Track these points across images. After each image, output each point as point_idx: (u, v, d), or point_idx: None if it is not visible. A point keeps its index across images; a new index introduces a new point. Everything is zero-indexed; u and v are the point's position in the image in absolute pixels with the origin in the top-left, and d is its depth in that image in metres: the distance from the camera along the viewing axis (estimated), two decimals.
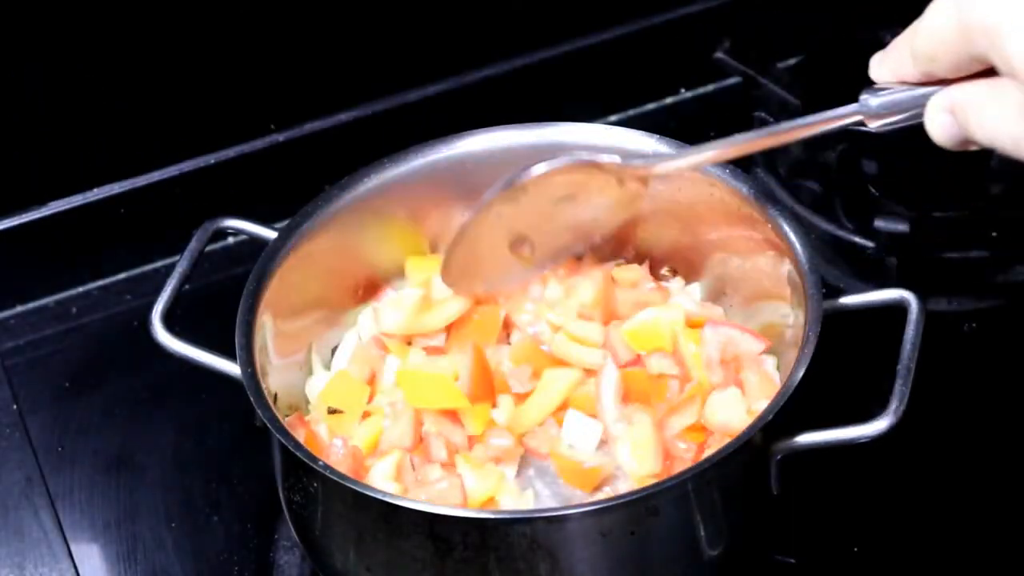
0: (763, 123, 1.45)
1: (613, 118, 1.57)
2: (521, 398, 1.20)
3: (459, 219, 1.27)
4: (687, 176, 1.22)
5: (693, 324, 1.23)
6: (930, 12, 0.97)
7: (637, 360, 1.21)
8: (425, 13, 1.47)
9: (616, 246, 1.29)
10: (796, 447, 1.06)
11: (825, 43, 1.51)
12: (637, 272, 1.26)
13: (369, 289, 1.29)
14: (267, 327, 1.17)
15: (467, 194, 1.27)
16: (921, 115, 1.01)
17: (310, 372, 1.25)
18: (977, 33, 0.93)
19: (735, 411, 1.16)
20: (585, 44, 1.53)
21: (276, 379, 1.19)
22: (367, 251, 1.27)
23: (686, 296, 1.26)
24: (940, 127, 0.99)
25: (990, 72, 0.95)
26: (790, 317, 1.17)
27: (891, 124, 1.04)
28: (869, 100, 1.05)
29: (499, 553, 1.03)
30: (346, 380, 1.23)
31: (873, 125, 1.05)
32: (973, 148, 0.98)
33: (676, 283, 1.28)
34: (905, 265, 1.33)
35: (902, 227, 1.31)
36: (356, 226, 1.25)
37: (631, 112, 1.58)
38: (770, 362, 1.21)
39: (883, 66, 1.04)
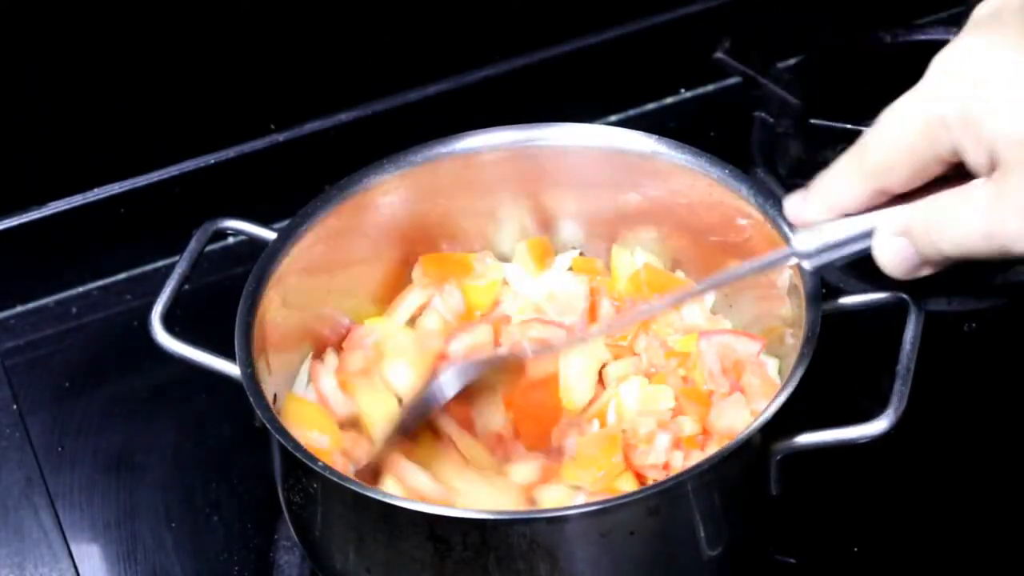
0: (763, 123, 1.45)
1: (613, 118, 1.57)
2: None
3: (457, 223, 1.29)
4: (686, 177, 1.22)
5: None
6: (885, 119, 0.97)
7: None
8: (425, 13, 1.47)
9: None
10: (796, 447, 1.06)
11: (825, 43, 1.51)
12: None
13: (369, 289, 1.29)
14: (267, 328, 1.17)
15: (466, 195, 1.27)
16: (861, 248, 1.00)
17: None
18: (952, 122, 0.93)
19: (739, 415, 1.16)
20: (585, 44, 1.53)
21: (275, 380, 1.19)
22: (367, 252, 1.28)
23: (694, 305, 1.26)
24: (894, 253, 0.98)
25: (936, 186, 0.96)
26: (790, 318, 1.17)
27: (829, 263, 1.04)
28: (804, 242, 1.03)
29: (499, 553, 1.03)
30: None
31: (808, 265, 1.05)
32: (923, 273, 0.98)
33: None
34: None
35: None
36: (356, 227, 1.25)
37: (631, 112, 1.58)
38: (772, 364, 1.21)
39: (811, 203, 1.02)
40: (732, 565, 1.10)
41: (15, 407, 1.35)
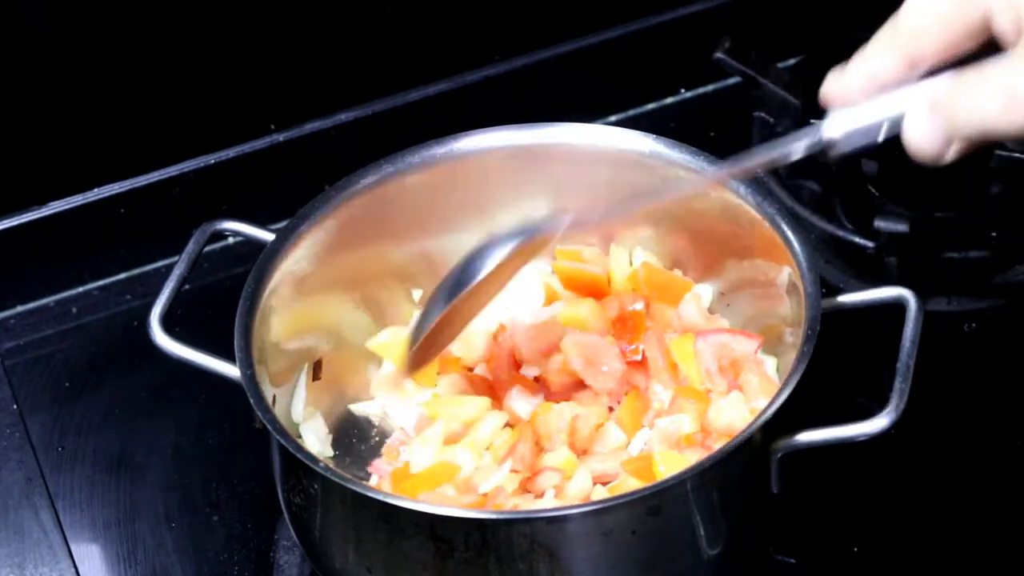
0: (763, 123, 1.45)
1: (613, 118, 1.57)
2: None
3: (456, 222, 1.29)
4: (685, 177, 1.22)
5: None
6: None
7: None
8: (425, 13, 1.47)
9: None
10: (796, 445, 1.06)
11: (825, 43, 1.51)
12: None
13: (369, 289, 1.29)
14: (266, 329, 1.17)
15: (466, 195, 1.27)
16: (890, 132, 0.98)
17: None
18: None
19: (738, 414, 1.16)
20: (585, 44, 1.52)
21: (275, 381, 1.19)
22: (367, 252, 1.27)
23: (692, 303, 1.26)
24: (922, 130, 0.95)
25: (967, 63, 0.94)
26: (790, 317, 1.18)
27: (858, 147, 1.00)
28: (833, 125, 0.99)
29: (500, 553, 1.03)
30: None
31: (836, 150, 1.00)
32: (951, 156, 0.96)
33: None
34: (905, 265, 1.33)
35: (902, 227, 1.31)
36: (356, 227, 1.25)
37: (631, 112, 1.58)
38: (770, 364, 1.21)
39: (848, 75, 0.99)
40: (733, 564, 1.10)
41: (15, 407, 1.35)
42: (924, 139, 0.95)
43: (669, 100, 1.59)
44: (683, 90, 1.60)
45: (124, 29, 1.38)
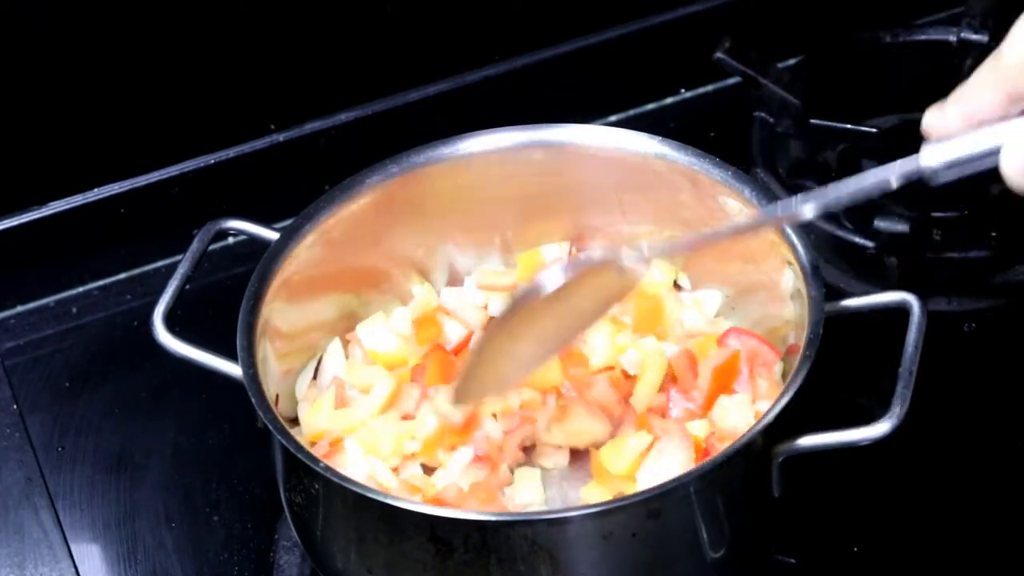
0: (763, 123, 1.45)
1: (613, 118, 1.57)
2: None
3: (460, 223, 1.28)
4: (688, 179, 1.22)
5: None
6: (1020, 21, 0.96)
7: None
8: (425, 13, 1.47)
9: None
10: (798, 449, 1.06)
11: (825, 43, 1.51)
12: None
13: (371, 290, 1.29)
14: (269, 328, 1.17)
15: (471, 195, 1.27)
16: (987, 164, 0.97)
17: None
18: None
19: (743, 415, 1.16)
20: (585, 44, 1.52)
21: (277, 380, 1.19)
22: (370, 252, 1.28)
23: (696, 309, 1.26)
24: (1018, 161, 0.95)
25: None
26: (793, 320, 1.17)
27: (952, 179, 0.99)
28: (931, 156, 0.98)
29: (500, 555, 1.03)
30: None
31: (933, 181, 0.99)
32: None
33: (685, 293, 1.29)
34: (905, 265, 1.33)
35: (902, 227, 1.31)
36: (359, 227, 1.25)
37: (631, 112, 1.58)
38: (777, 367, 1.21)
39: (948, 111, 0.99)
40: (734, 567, 1.10)
41: (15, 407, 1.35)
42: (1020, 171, 0.95)
43: (669, 100, 1.59)
44: (683, 90, 1.59)
45: (124, 29, 1.38)
